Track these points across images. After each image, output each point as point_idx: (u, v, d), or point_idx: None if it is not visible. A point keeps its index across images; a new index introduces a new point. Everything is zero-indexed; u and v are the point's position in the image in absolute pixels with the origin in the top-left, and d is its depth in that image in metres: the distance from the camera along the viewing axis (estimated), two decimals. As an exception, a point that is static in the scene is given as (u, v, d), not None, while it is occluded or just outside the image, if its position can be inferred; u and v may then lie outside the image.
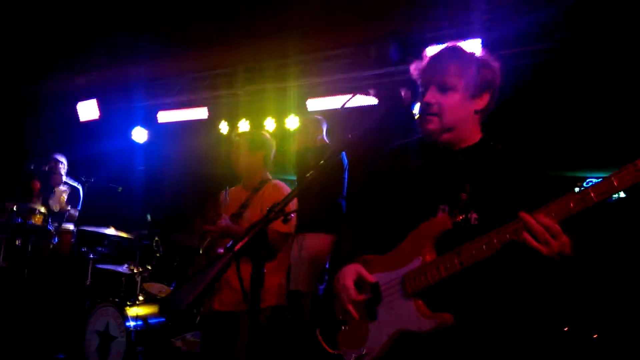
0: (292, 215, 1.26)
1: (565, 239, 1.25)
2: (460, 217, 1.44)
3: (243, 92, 6.09)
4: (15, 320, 4.50)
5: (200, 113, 6.44)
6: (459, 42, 4.43)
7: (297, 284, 3.71)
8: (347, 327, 1.58)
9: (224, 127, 6.27)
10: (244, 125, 6.40)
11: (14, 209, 4.59)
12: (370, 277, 1.51)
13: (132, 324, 3.83)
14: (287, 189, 2.91)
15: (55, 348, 4.39)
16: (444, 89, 1.51)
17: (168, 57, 5.88)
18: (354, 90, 5.54)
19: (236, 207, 2.93)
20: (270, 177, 3.04)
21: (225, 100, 6.25)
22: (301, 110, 5.73)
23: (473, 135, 1.59)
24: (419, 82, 1.59)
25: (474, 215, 1.47)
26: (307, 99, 5.85)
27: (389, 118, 1.54)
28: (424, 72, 1.57)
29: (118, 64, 5.87)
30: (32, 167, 4.96)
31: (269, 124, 6.25)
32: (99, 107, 6.10)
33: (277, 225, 2.36)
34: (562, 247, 1.24)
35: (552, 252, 1.23)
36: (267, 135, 3.13)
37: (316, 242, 3.68)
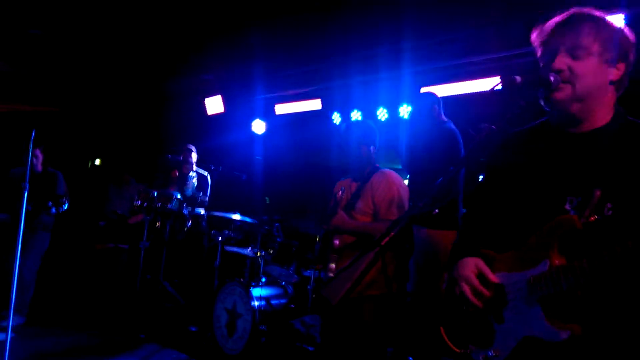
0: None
1: None
2: (593, 218, 1.27)
3: (356, 81, 6.15)
4: (154, 294, 5.04)
5: (313, 104, 6.63)
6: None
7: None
8: (473, 327, 1.49)
9: (336, 118, 6.40)
10: (356, 116, 6.47)
11: (155, 194, 5.09)
12: (492, 276, 1.42)
13: (256, 303, 4.07)
14: (396, 177, 2.89)
15: (188, 321, 4.84)
16: (576, 53, 1.33)
17: (284, 50, 6.14)
18: (470, 76, 5.31)
19: (347, 199, 2.97)
20: (378, 165, 3.03)
21: (338, 90, 6.36)
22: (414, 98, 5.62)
23: (606, 111, 1.39)
24: (541, 50, 1.41)
25: (608, 205, 1.28)
26: (421, 87, 5.72)
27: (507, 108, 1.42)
28: (549, 36, 1.38)
29: (239, 60, 6.27)
30: (169, 157, 5.49)
31: (382, 114, 6.23)
32: (223, 102, 6.57)
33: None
34: None
35: None
36: (373, 125, 3.11)
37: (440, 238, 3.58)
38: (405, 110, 5.78)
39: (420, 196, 1.37)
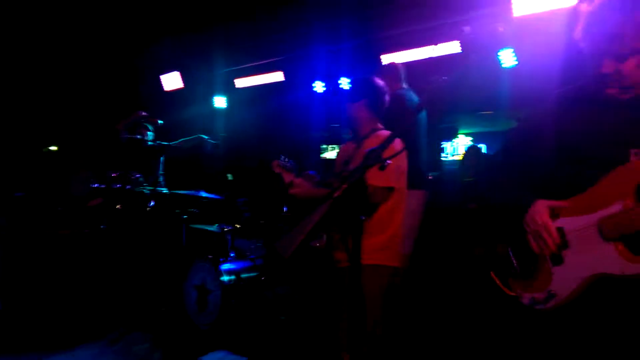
0: (389, 162, 1.16)
1: None
2: None
3: (318, 52, 6.06)
4: (119, 277, 4.92)
5: (276, 77, 6.51)
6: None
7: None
8: (523, 271, 1.60)
9: (300, 89, 6.32)
10: (318, 86, 6.40)
11: (113, 176, 4.93)
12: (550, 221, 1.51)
13: (226, 278, 4.05)
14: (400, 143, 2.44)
15: (158, 301, 4.76)
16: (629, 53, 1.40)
17: (242, 20, 5.96)
18: (430, 41, 5.31)
19: (340, 163, 2.68)
20: (380, 126, 2.66)
21: (300, 62, 6.25)
22: (375, 66, 5.60)
23: None
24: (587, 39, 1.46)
25: None
26: (381, 54, 5.70)
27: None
28: (607, 35, 1.40)
29: (197, 34, 6.06)
30: (125, 137, 5.27)
31: (344, 83, 6.19)
32: (182, 77, 6.37)
33: (373, 174, 1.97)
34: None
35: None
36: (371, 79, 2.68)
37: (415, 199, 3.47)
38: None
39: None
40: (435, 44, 5.16)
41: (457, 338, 3.52)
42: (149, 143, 5.33)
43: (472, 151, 5.44)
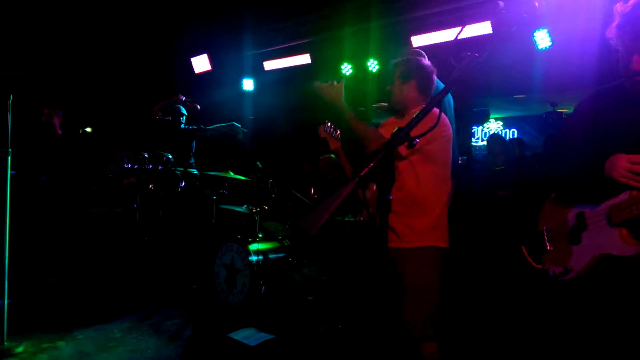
0: (417, 140, 1.17)
1: None
2: None
3: (344, 33, 6.00)
4: (151, 256, 5.08)
5: (303, 59, 6.50)
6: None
7: None
8: (552, 248, 1.84)
9: (328, 72, 6.28)
10: (346, 69, 6.35)
11: (145, 156, 5.06)
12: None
13: (254, 258, 4.14)
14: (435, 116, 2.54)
15: (189, 279, 4.90)
16: None
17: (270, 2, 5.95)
18: (460, 22, 5.19)
19: None
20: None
21: (328, 44, 6.21)
22: (405, 48, 5.52)
23: None
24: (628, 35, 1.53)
25: None
26: (410, 36, 5.61)
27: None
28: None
29: (225, 16, 6.09)
30: (157, 118, 5.41)
31: (372, 66, 6.13)
32: (209, 60, 6.42)
33: (401, 150, 2.15)
34: None
35: None
36: (421, 60, 2.64)
37: None
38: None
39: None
40: (467, 25, 5.04)
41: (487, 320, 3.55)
42: (182, 126, 5.46)
43: (495, 139, 5.41)
